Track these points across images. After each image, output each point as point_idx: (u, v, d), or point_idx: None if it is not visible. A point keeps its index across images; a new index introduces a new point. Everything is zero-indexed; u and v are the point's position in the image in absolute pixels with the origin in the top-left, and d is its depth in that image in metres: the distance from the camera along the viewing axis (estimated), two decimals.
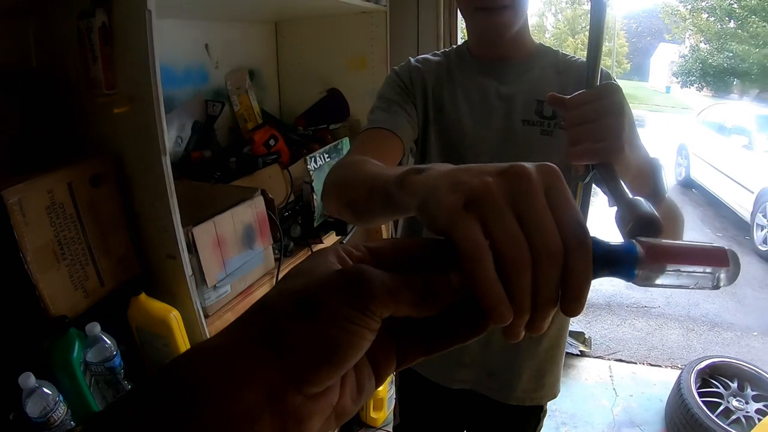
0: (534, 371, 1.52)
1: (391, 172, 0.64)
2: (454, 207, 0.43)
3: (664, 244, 0.46)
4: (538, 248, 0.40)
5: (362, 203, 0.79)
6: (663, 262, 0.45)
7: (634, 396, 3.88)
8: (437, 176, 0.49)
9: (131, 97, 1.41)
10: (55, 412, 1.18)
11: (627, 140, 0.80)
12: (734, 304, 5.58)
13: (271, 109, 2.90)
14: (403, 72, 1.43)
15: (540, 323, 0.42)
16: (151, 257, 1.56)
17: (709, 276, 0.46)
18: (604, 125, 0.81)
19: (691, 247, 0.47)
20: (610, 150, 0.79)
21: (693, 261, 0.46)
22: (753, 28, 18.46)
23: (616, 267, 0.45)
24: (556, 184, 0.43)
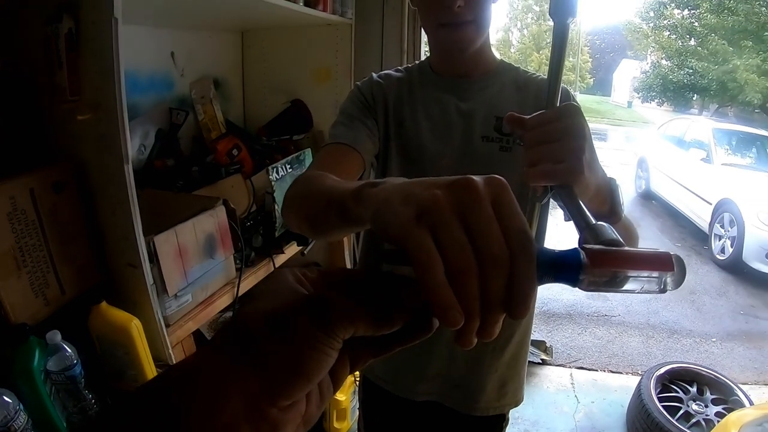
0: (497, 382, 1.54)
1: (348, 186, 0.66)
2: (406, 219, 0.45)
3: (609, 250, 0.49)
4: (484, 255, 0.42)
5: (320, 217, 0.80)
6: (607, 268, 0.47)
7: (595, 402, 3.94)
8: (391, 189, 0.51)
9: (95, 104, 1.40)
10: (15, 421, 1.16)
11: (587, 162, 0.80)
12: (693, 312, 5.72)
13: (235, 119, 2.89)
14: (365, 87, 1.44)
15: (490, 328, 0.44)
16: (112, 266, 1.55)
17: (655, 280, 0.48)
18: (563, 147, 0.81)
19: (635, 252, 0.49)
20: (570, 172, 0.79)
21: (638, 266, 0.47)
22: (712, 46, 18.88)
23: (560, 273, 0.47)
24: (502, 194, 0.45)
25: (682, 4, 21.37)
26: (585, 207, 0.75)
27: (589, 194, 0.84)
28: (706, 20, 19.22)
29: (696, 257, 7.47)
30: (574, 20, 0.89)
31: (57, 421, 1.32)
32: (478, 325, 0.43)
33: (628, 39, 31.05)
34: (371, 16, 2.87)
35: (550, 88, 0.91)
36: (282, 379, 0.41)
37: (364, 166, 1.30)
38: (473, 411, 1.56)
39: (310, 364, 0.42)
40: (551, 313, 5.28)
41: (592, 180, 0.83)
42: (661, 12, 22.48)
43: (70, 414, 1.38)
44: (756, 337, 5.28)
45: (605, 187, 0.91)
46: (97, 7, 1.34)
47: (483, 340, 0.44)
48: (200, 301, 1.78)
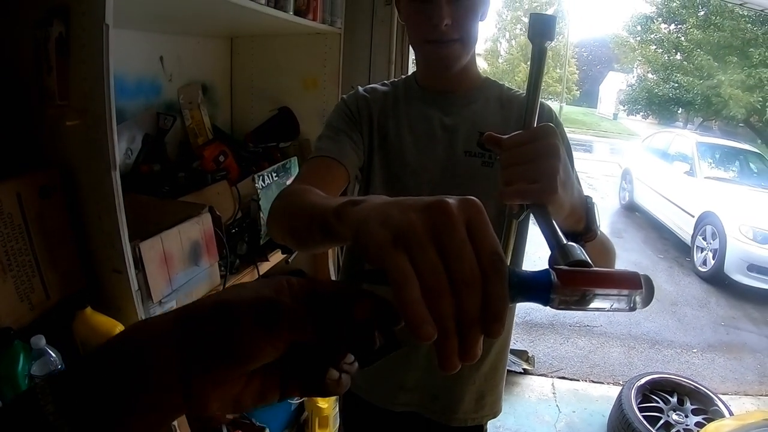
0: (475, 393, 1.55)
1: (330, 203, 0.67)
2: (383, 241, 0.47)
3: (579, 270, 0.51)
4: (457, 277, 0.44)
5: (303, 231, 0.82)
6: (577, 287, 0.49)
7: (576, 412, 3.96)
8: (369, 210, 0.53)
9: (83, 109, 1.41)
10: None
11: (560, 182, 0.81)
12: (674, 323, 5.77)
13: (222, 125, 2.90)
14: (350, 101, 1.45)
15: (470, 349, 0.45)
16: (97, 271, 1.55)
17: (624, 299, 0.50)
18: (537, 167, 0.82)
19: (604, 272, 0.51)
20: (543, 192, 0.80)
21: (606, 285, 0.50)
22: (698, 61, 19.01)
23: (532, 293, 0.49)
24: (476, 217, 0.47)
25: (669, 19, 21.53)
26: (557, 226, 0.76)
27: (564, 213, 0.86)
28: (692, 35, 19.38)
29: (678, 269, 7.53)
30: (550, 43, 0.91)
31: None
32: (459, 347, 0.45)
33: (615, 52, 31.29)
34: (360, 27, 2.89)
35: (527, 109, 0.93)
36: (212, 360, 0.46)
37: (348, 179, 1.31)
38: (451, 422, 1.56)
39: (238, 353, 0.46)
40: (533, 323, 5.30)
41: (566, 199, 0.84)
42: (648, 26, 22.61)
43: None
44: (736, 348, 5.33)
45: (580, 205, 0.92)
46: (88, 12, 1.34)
47: (465, 361, 0.45)
48: None
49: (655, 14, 22.34)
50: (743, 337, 5.59)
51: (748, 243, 6.59)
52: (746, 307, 6.35)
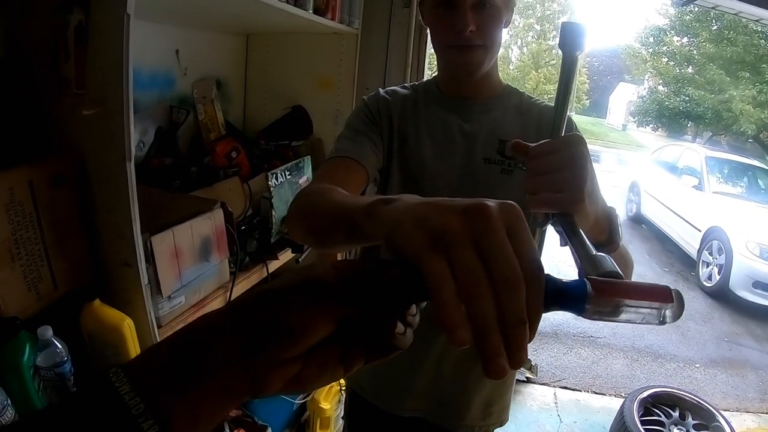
0: (483, 401, 1.54)
1: (359, 202, 0.66)
2: (420, 244, 0.46)
3: (613, 282, 0.50)
4: (498, 278, 0.43)
5: (327, 231, 0.80)
6: (611, 298, 0.49)
7: (577, 422, 3.95)
8: (404, 210, 0.52)
9: (100, 99, 1.39)
10: (2, 416, 1.15)
11: (587, 193, 0.81)
12: (678, 337, 5.74)
13: (235, 121, 2.88)
14: (371, 102, 1.44)
15: (517, 351, 0.43)
16: (106, 263, 1.53)
17: (655, 312, 0.50)
18: (565, 177, 0.81)
19: (638, 285, 0.50)
20: (570, 202, 0.80)
21: (639, 297, 0.49)
22: (710, 75, 18.95)
23: (567, 302, 0.49)
24: (515, 223, 0.46)
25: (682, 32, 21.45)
26: (586, 237, 0.76)
27: (589, 223, 0.85)
28: (704, 49, 19.32)
29: (683, 283, 7.50)
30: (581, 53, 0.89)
31: None
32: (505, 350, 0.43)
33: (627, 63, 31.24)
34: (377, 29, 2.86)
35: (555, 118, 0.91)
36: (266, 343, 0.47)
37: (368, 181, 1.30)
38: (458, 429, 1.56)
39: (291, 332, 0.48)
40: (537, 332, 5.23)
41: (591, 209, 0.84)
42: (661, 38, 22.55)
43: None
44: (738, 364, 5.31)
45: (604, 216, 0.92)
46: (109, 1, 1.33)
47: (513, 366, 0.44)
48: (192, 304, 1.77)
49: (668, 26, 22.28)
50: (746, 354, 5.57)
51: (755, 260, 6.56)
52: (750, 324, 6.33)
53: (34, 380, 1.28)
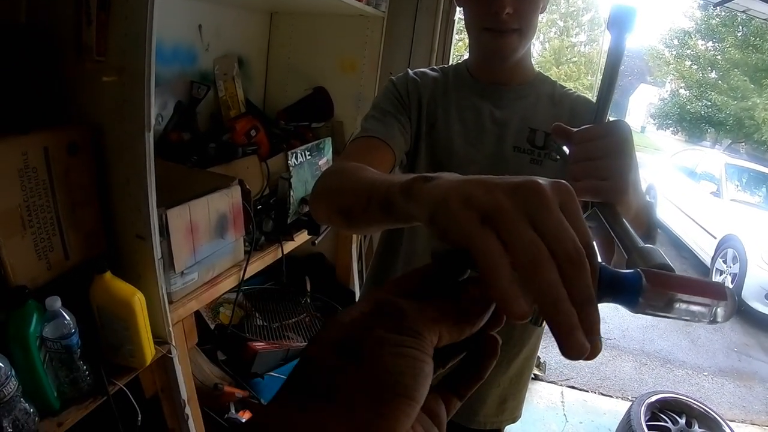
0: (498, 397, 1.52)
1: (394, 180, 0.62)
2: (469, 223, 0.42)
3: (669, 275, 0.47)
4: (561, 253, 0.39)
5: (358, 211, 0.76)
6: (666, 292, 0.46)
7: (583, 423, 3.92)
8: (447, 188, 0.47)
9: (121, 67, 1.36)
10: (6, 386, 1.12)
11: (631, 182, 0.79)
12: (688, 344, 5.69)
13: (255, 100, 2.87)
14: (400, 83, 1.40)
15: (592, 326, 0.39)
16: (120, 235, 1.51)
17: (707, 310, 0.47)
18: (610, 164, 0.79)
19: (694, 280, 0.47)
20: (615, 190, 0.78)
21: (694, 293, 0.46)
22: (733, 81, 18.79)
23: (620, 293, 0.46)
24: (569, 202, 0.42)
25: (707, 36, 21.27)
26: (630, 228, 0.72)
27: (630, 215, 0.82)
28: (729, 55, 19.15)
29: None
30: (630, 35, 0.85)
31: (48, 391, 1.29)
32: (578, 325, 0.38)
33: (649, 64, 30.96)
34: (404, 12, 2.84)
35: (600, 103, 0.89)
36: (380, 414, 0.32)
37: (395, 163, 1.26)
38: (471, 424, 1.53)
39: (411, 379, 0.34)
40: (547, 330, 5.19)
41: (633, 201, 0.81)
42: (686, 41, 22.37)
43: (61, 384, 1.34)
44: (747, 375, 5.26)
45: (644, 209, 0.90)
46: None
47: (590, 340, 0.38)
48: (206, 281, 1.75)
49: (693, 30, 22.09)
50: (755, 366, 5.51)
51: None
52: (760, 336, 6.26)
53: (40, 351, 1.26)
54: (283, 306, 2.76)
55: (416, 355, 0.35)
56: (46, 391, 1.28)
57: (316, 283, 2.94)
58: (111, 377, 1.45)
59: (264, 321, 2.61)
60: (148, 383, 1.63)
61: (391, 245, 1.49)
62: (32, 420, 1.23)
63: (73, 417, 1.35)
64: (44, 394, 1.28)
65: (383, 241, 1.54)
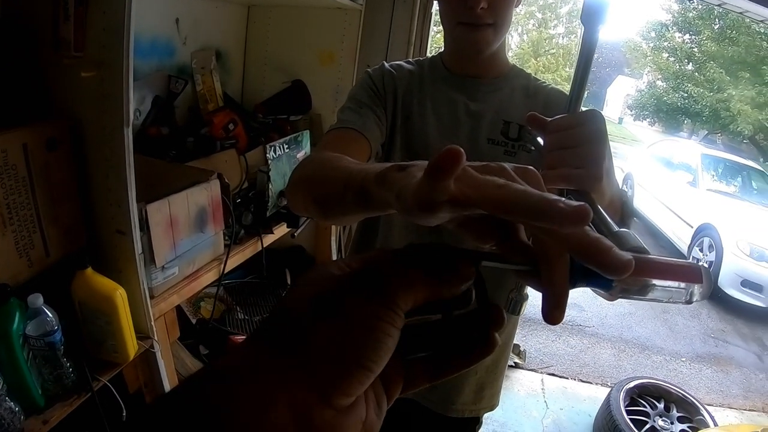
0: (475, 385, 1.53)
1: (370, 169, 0.62)
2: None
3: (643, 257, 0.47)
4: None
5: (334, 199, 0.76)
6: (640, 276, 0.46)
7: (564, 409, 3.97)
8: (419, 171, 0.48)
9: (100, 62, 1.36)
10: None
11: (605, 170, 0.79)
12: (665, 330, 5.78)
13: (233, 94, 2.86)
14: (376, 75, 1.41)
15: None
16: (100, 231, 1.51)
17: (683, 291, 0.47)
18: (584, 153, 0.79)
19: (668, 262, 0.48)
20: (589, 178, 0.78)
21: (669, 276, 0.47)
22: (710, 73, 18.85)
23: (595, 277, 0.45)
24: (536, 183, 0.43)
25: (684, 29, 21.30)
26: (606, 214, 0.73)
27: (605, 203, 0.82)
28: (706, 47, 19.23)
29: None
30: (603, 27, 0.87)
31: (32, 388, 1.29)
32: None
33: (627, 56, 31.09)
34: (382, 5, 2.83)
35: (573, 93, 0.90)
36: (336, 372, 0.34)
37: (370, 154, 1.27)
38: (449, 412, 1.55)
39: (370, 349, 0.35)
40: (526, 318, 5.26)
41: (607, 189, 0.82)
42: (663, 34, 22.41)
43: (46, 381, 1.34)
44: (724, 361, 5.34)
45: (618, 197, 0.90)
46: None
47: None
48: (186, 275, 1.75)
49: (670, 22, 22.12)
50: (731, 351, 5.60)
51: (745, 258, 6.57)
52: (736, 322, 6.35)
53: (24, 349, 1.26)
54: (264, 299, 2.75)
55: (384, 328, 0.35)
56: (30, 389, 1.29)
57: (296, 276, 2.94)
58: (95, 373, 1.45)
59: (245, 315, 2.61)
60: (132, 379, 1.64)
61: (367, 238, 1.51)
62: (17, 419, 1.23)
63: (58, 414, 1.35)
64: (29, 392, 1.29)
65: (359, 233, 1.55)
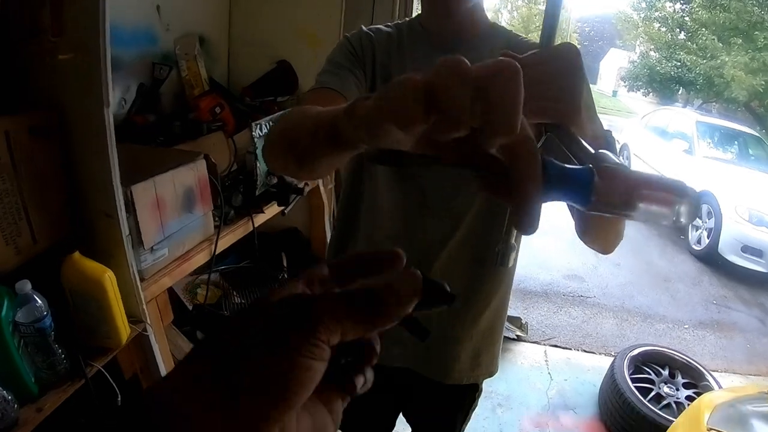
0: (471, 352, 1.53)
1: (340, 107, 0.61)
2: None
3: (622, 170, 0.46)
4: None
5: (307, 145, 0.75)
6: (619, 187, 0.44)
7: (568, 380, 3.98)
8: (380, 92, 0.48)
9: (77, 44, 1.35)
10: None
11: (583, 103, 0.77)
12: (667, 298, 5.79)
13: (219, 78, 2.84)
14: (354, 39, 1.39)
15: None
16: (87, 216, 1.50)
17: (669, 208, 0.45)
18: (559, 86, 0.76)
19: (649, 175, 0.46)
20: (566, 112, 0.76)
21: (650, 188, 0.45)
22: (702, 41, 18.79)
23: (571, 189, 0.44)
24: None
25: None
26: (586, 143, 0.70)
27: (586, 140, 0.80)
28: (697, 15, 19.15)
29: (672, 246, 7.53)
30: None
31: (25, 376, 1.29)
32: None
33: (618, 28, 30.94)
34: None
35: (546, 29, 0.87)
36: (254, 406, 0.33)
37: None
38: (447, 380, 1.54)
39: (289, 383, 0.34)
40: (527, 291, 5.31)
41: (588, 125, 0.79)
42: (654, 4, 22.31)
43: (38, 369, 1.34)
44: (727, 326, 5.36)
45: (602, 138, 0.86)
46: None
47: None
48: (177, 257, 1.75)
49: None
50: (734, 317, 5.61)
51: (744, 224, 6.58)
52: (738, 288, 6.37)
53: (14, 337, 1.25)
54: (261, 283, 2.75)
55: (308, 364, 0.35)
56: (23, 377, 1.28)
57: (292, 259, 2.94)
58: (88, 359, 1.44)
59: (242, 298, 2.61)
60: (127, 364, 1.63)
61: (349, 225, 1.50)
62: (12, 407, 1.23)
63: (53, 401, 1.35)
64: (22, 381, 1.28)
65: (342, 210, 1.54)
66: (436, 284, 0.41)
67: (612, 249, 1.11)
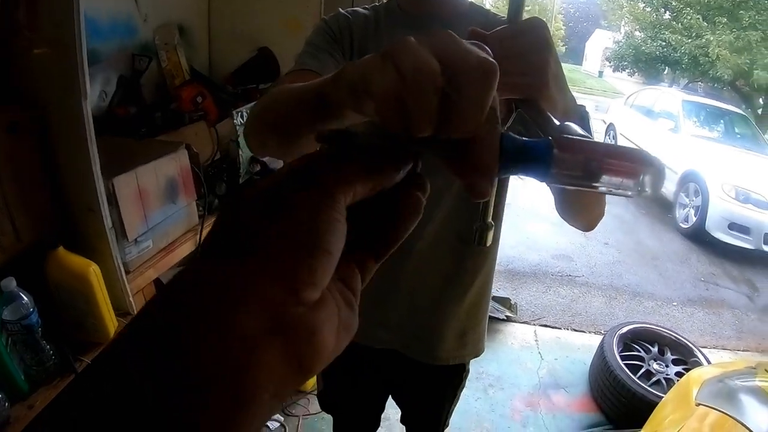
0: (457, 331, 1.53)
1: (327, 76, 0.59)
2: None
3: (582, 140, 0.44)
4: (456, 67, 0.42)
5: (290, 119, 0.74)
6: (579, 157, 0.43)
7: (558, 359, 4.00)
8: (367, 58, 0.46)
9: (53, 39, 1.35)
10: None
11: (552, 77, 0.76)
12: (656, 276, 5.83)
13: (200, 67, 2.81)
14: (332, 21, 1.38)
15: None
16: (71, 211, 1.50)
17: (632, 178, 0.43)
18: (527, 60, 0.76)
19: (610, 146, 0.45)
20: (535, 85, 0.75)
21: (612, 157, 0.43)
22: (687, 20, 18.73)
23: (529, 162, 0.43)
24: None
25: None
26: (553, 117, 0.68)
27: (557, 114, 0.80)
28: None
29: (660, 225, 7.56)
30: None
31: (15, 374, 1.29)
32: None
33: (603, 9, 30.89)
34: None
35: (513, 4, 0.84)
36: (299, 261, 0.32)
37: None
38: (433, 360, 1.55)
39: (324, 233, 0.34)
40: (516, 272, 5.32)
41: (559, 98, 0.79)
42: None
43: (28, 366, 1.34)
44: (715, 303, 5.40)
45: (574, 112, 0.85)
46: None
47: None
48: (161, 248, 1.74)
49: None
50: (722, 294, 5.65)
51: (730, 201, 6.61)
52: (726, 265, 6.41)
53: (2, 335, 1.26)
54: None
55: (331, 214, 0.35)
56: (13, 375, 1.28)
57: None
58: (77, 354, 1.45)
59: None
60: None
61: None
62: (2, 406, 1.23)
63: (43, 398, 1.35)
64: (11, 379, 1.28)
65: None
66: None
67: (593, 225, 1.11)
